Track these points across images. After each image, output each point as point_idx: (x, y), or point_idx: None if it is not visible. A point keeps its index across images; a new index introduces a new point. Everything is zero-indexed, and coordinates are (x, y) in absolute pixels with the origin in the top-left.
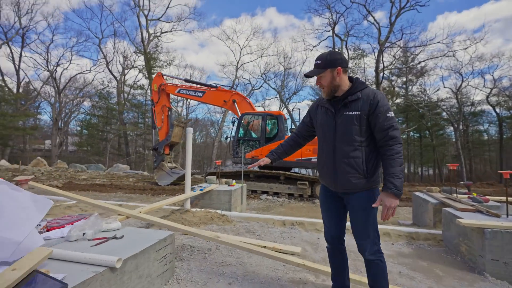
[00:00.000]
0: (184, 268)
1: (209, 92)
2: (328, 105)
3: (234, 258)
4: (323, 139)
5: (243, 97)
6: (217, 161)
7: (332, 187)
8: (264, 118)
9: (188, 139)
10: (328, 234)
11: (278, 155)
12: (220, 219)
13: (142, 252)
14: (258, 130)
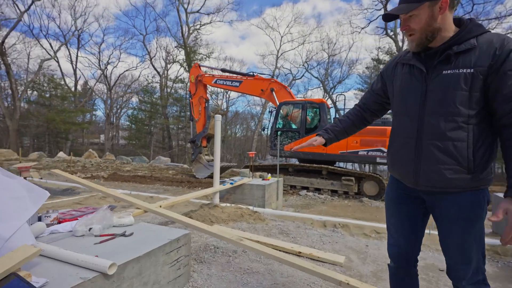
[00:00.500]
0: (203, 273)
1: (246, 81)
2: (415, 61)
3: (262, 264)
4: (402, 111)
5: (282, 85)
6: (250, 152)
7: (411, 183)
8: (304, 106)
9: (217, 127)
10: (394, 249)
11: (334, 134)
12: (252, 217)
13: (147, 255)
14: (298, 120)
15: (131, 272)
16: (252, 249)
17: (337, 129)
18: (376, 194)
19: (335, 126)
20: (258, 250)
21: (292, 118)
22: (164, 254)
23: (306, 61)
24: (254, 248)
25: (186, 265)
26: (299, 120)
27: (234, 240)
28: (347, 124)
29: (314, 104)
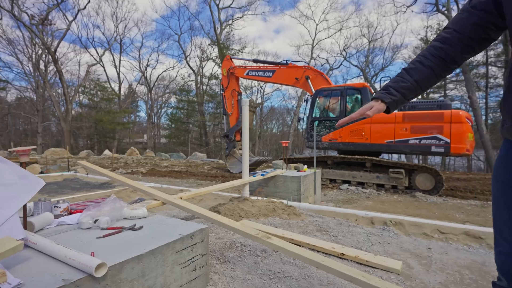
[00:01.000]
0: (226, 276)
1: (279, 70)
2: None
3: (296, 267)
4: None
5: (318, 72)
6: (283, 141)
7: None
8: (343, 93)
9: (244, 113)
10: (509, 260)
11: (402, 93)
12: (285, 211)
13: (151, 253)
14: (337, 109)
15: (130, 274)
16: (281, 249)
17: (404, 85)
18: (432, 188)
19: (400, 80)
20: (289, 251)
21: (330, 106)
22: (175, 253)
23: (344, 49)
24: (283, 248)
25: (204, 265)
26: (337, 108)
27: (260, 238)
28: (421, 73)
29: (354, 90)
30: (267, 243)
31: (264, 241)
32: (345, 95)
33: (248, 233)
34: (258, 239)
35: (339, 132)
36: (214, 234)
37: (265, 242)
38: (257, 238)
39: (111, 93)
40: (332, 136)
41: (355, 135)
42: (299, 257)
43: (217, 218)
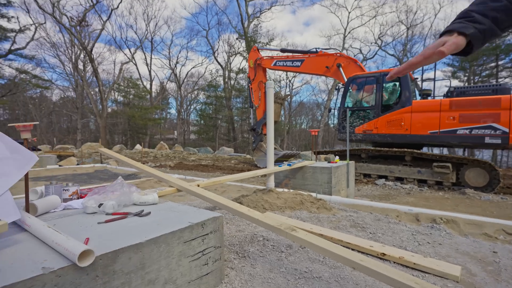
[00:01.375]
0: (244, 273)
1: (308, 59)
2: None
3: (327, 266)
4: None
5: (350, 58)
6: (312, 130)
7: None
8: (379, 79)
9: (269, 96)
10: None
11: (493, 18)
12: (314, 205)
13: (153, 242)
14: (372, 97)
15: (127, 265)
16: (308, 244)
17: (497, 4)
18: (485, 185)
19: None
20: (318, 247)
21: (364, 94)
22: (182, 243)
23: (379, 37)
24: (311, 243)
25: (218, 260)
26: (373, 96)
27: (282, 230)
28: None
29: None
30: (291, 236)
31: (288, 234)
32: (381, 82)
33: (269, 224)
34: (281, 232)
35: (375, 123)
36: (235, 227)
37: (289, 235)
38: (280, 230)
39: (142, 89)
40: (366, 127)
41: (393, 126)
42: (331, 255)
43: (234, 206)
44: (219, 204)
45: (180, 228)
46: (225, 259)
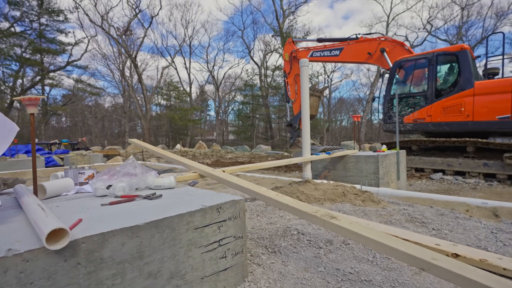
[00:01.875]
0: (274, 270)
1: (347, 47)
2: None
3: (379, 267)
4: None
5: (396, 42)
6: (354, 115)
7: None
8: (432, 61)
9: (303, 76)
10: None
11: None
12: (359, 197)
13: (154, 225)
14: (423, 82)
15: (119, 252)
16: (357, 236)
17: None
18: None
19: None
20: (372, 240)
21: (414, 79)
22: (192, 230)
23: (429, 21)
24: (359, 234)
25: (239, 253)
26: (424, 81)
27: (319, 217)
28: None
29: (448, 55)
30: (331, 225)
31: (326, 223)
32: (434, 63)
33: (301, 210)
34: (317, 219)
35: (428, 110)
36: (266, 219)
37: (328, 224)
38: (315, 217)
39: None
40: (417, 116)
41: (450, 112)
42: (388, 251)
43: (259, 190)
44: (243, 188)
45: (190, 211)
46: (251, 254)
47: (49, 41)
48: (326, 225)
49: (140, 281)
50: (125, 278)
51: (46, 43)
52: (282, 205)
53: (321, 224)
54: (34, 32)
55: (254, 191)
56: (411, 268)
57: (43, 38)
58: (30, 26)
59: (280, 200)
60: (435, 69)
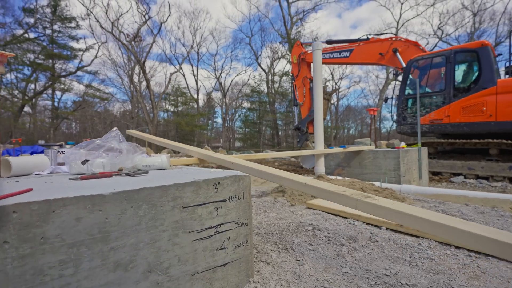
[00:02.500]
0: (286, 270)
1: (358, 48)
2: None
3: (419, 269)
4: None
5: (409, 41)
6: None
7: None
8: (449, 58)
9: (316, 59)
10: None
11: None
12: (379, 193)
13: (125, 196)
14: (439, 81)
15: (72, 230)
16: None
17: None
18: None
19: None
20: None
21: (430, 78)
22: (180, 208)
23: (439, 27)
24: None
25: (242, 244)
26: (440, 80)
27: (349, 196)
28: None
29: (468, 52)
30: (366, 206)
31: (359, 203)
32: (452, 61)
33: (325, 189)
34: (347, 199)
35: (446, 110)
36: (274, 214)
37: (361, 204)
38: (343, 196)
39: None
40: (434, 117)
41: (471, 112)
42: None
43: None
44: (250, 169)
45: (177, 183)
46: (258, 251)
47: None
48: (359, 205)
49: (103, 274)
50: (80, 268)
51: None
52: (299, 185)
53: (352, 204)
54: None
55: (264, 171)
56: (464, 271)
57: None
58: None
59: (296, 179)
60: (453, 67)
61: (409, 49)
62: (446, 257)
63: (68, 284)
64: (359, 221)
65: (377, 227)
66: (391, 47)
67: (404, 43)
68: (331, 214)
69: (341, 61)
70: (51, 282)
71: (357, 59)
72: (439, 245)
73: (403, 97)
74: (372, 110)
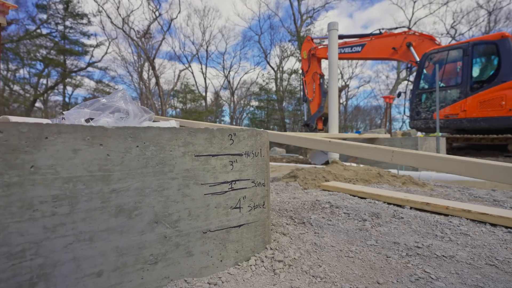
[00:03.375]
0: (305, 241)
1: (370, 42)
2: None
3: (454, 243)
4: None
5: (424, 36)
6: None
7: None
8: (467, 51)
9: (332, 40)
10: None
11: None
12: (398, 179)
13: (129, 133)
14: (456, 74)
15: (68, 163)
16: (475, 168)
17: None
18: None
19: None
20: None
21: (445, 73)
22: (191, 156)
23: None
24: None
25: (258, 206)
26: (457, 73)
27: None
28: None
29: (487, 44)
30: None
31: (395, 154)
32: (470, 54)
33: (353, 144)
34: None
35: (462, 105)
36: (288, 194)
37: (397, 155)
38: (378, 149)
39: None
40: (449, 111)
41: (488, 107)
42: None
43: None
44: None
45: (190, 129)
46: (273, 224)
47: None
48: (396, 156)
49: (103, 218)
50: (77, 207)
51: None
52: (321, 144)
53: (387, 157)
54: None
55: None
56: (506, 246)
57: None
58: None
59: (319, 138)
60: (470, 60)
61: (423, 43)
62: (482, 233)
63: (63, 224)
64: (379, 201)
65: (399, 206)
66: (404, 41)
67: (419, 37)
68: (349, 195)
69: (353, 56)
70: (42, 219)
71: (369, 54)
72: (472, 222)
73: (417, 92)
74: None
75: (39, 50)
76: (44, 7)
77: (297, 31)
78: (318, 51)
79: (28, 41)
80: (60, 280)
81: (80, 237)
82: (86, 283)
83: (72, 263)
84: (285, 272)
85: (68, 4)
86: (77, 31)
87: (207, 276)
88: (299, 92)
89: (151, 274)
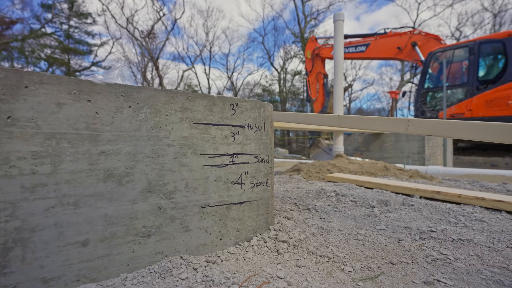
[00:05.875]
0: (311, 225)
1: (374, 42)
2: None
3: (469, 229)
4: None
5: (429, 35)
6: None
7: None
8: (473, 50)
9: (338, 30)
10: None
11: None
12: (405, 173)
13: (121, 92)
14: (461, 74)
15: (51, 118)
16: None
17: None
18: None
19: None
20: None
21: (451, 71)
22: (189, 123)
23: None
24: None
25: (261, 183)
26: (463, 71)
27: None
28: None
29: (493, 43)
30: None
31: (414, 122)
32: (476, 53)
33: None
34: (394, 122)
35: (468, 104)
36: (292, 185)
37: (413, 124)
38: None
39: None
40: (455, 110)
41: (495, 106)
42: None
43: None
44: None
45: (188, 93)
46: (276, 209)
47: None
48: (411, 126)
49: (90, 182)
50: (60, 167)
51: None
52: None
53: (402, 127)
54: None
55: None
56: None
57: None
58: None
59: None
60: (477, 59)
61: (429, 42)
62: (498, 220)
63: (44, 185)
64: (387, 191)
65: (408, 196)
66: (410, 40)
67: (424, 36)
68: (355, 185)
69: (357, 55)
70: (19, 177)
71: (373, 53)
72: (486, 210)
73: (422, 91)
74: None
75: (43, 49)
76: (49, 6)
77: (301, 32)
78: (322, 51)
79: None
80: (39, 246)
81: (64, 200)
82: (70, 252)
83: (54, 228)
84: (290, 252)
85: (73, 3)
86: (81, 31)
87: (205, 255)
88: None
89: (144, 247)
